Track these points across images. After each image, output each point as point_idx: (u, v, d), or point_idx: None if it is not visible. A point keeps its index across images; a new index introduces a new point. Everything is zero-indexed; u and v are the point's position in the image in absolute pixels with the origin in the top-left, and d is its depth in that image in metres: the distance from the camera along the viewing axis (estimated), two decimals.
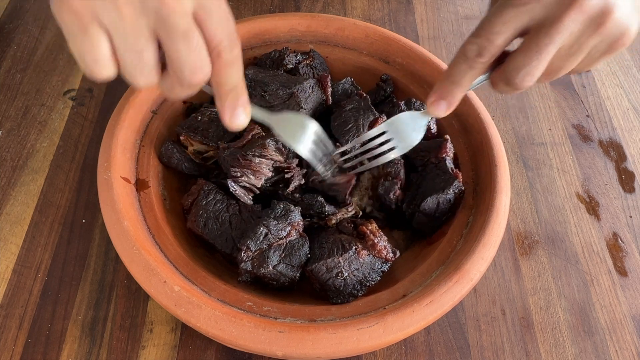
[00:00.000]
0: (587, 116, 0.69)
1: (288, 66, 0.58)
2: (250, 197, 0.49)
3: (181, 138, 0.54)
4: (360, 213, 0.52)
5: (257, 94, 0.54)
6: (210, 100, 0.59)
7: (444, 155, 0.52)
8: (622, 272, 0.56)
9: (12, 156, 0.60)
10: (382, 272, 0.47)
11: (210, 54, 0.33)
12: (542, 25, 0.35)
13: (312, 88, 0.54)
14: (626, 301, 0.54)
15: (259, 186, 0.49)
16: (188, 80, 0.33)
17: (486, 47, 0.37)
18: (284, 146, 0.51)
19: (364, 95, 0.56)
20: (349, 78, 0.60)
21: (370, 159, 0.49)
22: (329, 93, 0.56)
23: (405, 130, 0.46)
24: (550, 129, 0.67)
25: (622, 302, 0.54)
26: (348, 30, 0.62)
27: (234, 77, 0.35)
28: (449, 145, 0.53)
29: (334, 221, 0.50)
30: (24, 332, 0.49)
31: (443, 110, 0.41)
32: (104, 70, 0.32)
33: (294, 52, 0.60)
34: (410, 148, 0.47)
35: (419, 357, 0.49)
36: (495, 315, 0.52)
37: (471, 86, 0.40)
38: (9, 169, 0.59)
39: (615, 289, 0.55)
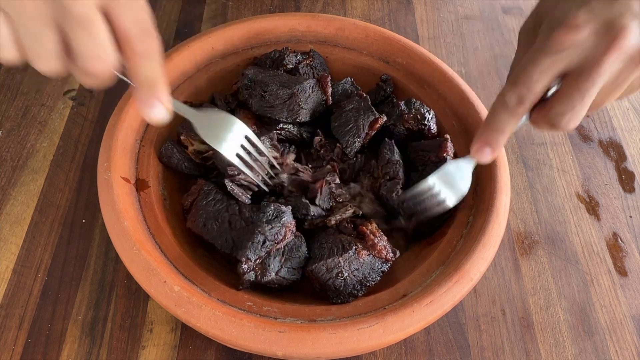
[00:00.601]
0: (587, 116, 0.69)
1: (288, 66, 0.58)
2: (248, 195, 0.49)
3: (182, 138, 0.54)
4: (360, 213, 0.52)
5: (257, 94, 0.54)
6: (211, 100, 0.59)
7: (444, 154, 0.52)
8: (622, 272, 0.56)
9: (12, 156, 0.60)
10: (382, 272, 0.47)
11: (121, 45, 0.33)
12: (582, 69, 0.35)
13: (312, 88, 0.54)
14: (626, 301, 0.54)
15: (257, 183, 0.49)
16: (89, 69, 0.33)
17: (526, 95, 0.37)
18: (280, 142, 0.51)
19: (364, 95, 0.56)
20: (349, 78, 0.60)
21: (423, 211, 0.49)
22: (329, 93, 0.56)
23: (455, 180, 0.47)
24: None
25: (622, 302, 0.54)
26: (348, 30, 0.62)
27: (148, 69, 0.35)
28: (450, 144, 0.53)
29: (333, 222, 0.50)
30: (24, 332, 0.49)
31: (489, 156, 0.41)
32: (7, 54, 0.32)
33: (294, 52, 0.60)
34: (463, 196, 0.47)
35: (419, 357, 0.49)
36: (495, 315, 0.52)
37: (515, 128, 0.41)
38: (9, 169, 0.59)
39: (615, 289, 0.55)
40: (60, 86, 0.67)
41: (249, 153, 0.47)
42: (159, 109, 0.37)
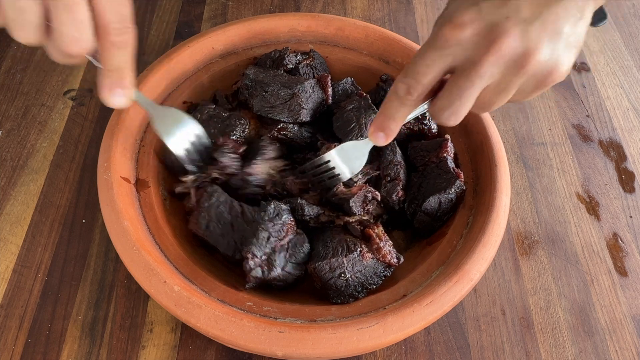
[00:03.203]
0: (587, 116, 0.69)
1: (288, 66, 0.58)
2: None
3: None
4: (372, 220, 0.51)
5: (258, 94, 0.54)
6: (212, 98, 0.59)
7: (444, 154, 0.52)
8: (622, 272, 0.56)
9: (12, 156, 0.60)
10: (384, 276, 0.47)
11: (98, 32, 0.35)
12: (464, 67, 0.36)
13: (313, 88, 0.54)
14: (626, 301, 0.54)
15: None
16: (65, 49, 0.35)
17: (413, 86, 0.38)
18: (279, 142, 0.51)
19: (364, 94, 0.56)
20: (349, 78, 0.60)
21: (320, 182, 0.51)
22: (329, 93, 0.56)
23: (350, 158, 0.49)
24: (550, 129, 0.67)
25: (622, 302, 0.54)
26: (348, 30, 0.62)
27: (119, 59, 0.37)
28: (450, 144, 0.53)
29: (342, 222, 0.50)
30: (24, 332, 0.49)
31: (382, 140, 0.43)
32: None
33: (294, 52, 0.60)
34: (355, 173, 0.50)
35: (419, 357, 0.49)
36: (495, 315, 0.52)
37: (411, 116, 0.42)
38: (9, 169, 0.59)
39: (615, 289, 0.55)
40: (60, 86, 0.67)
41: (196, 151, 0.50)
42: (120, 96, 0.39)
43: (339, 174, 0.49)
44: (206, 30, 0.60)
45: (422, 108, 0.42)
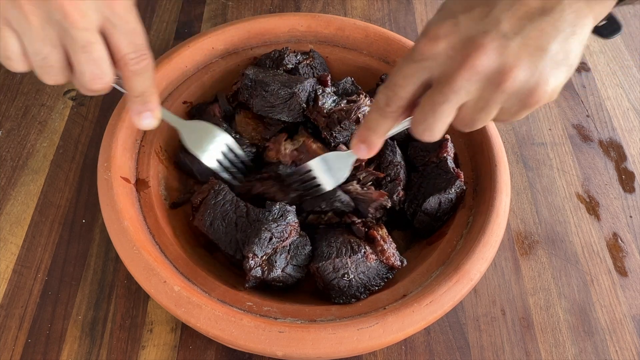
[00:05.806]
0: (587, 116, 0.69)
1: (288, 66, 0.58)
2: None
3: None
4: (374, 221, 0.51)
5: (258, 94, 0.54)
6: (214, 99, 0.59)
7: (444, 154, 0.52)
8: (622, 272, 0.56)
9: (12, 156, 0.60)
10: (386, 278, 0.47)
11: (118, 64, 0.37)
12: (439, 82, 0.35)
13: (313, 87, 0.54)
14: (626, 301, 0.54)
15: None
16: (88, 86, 0.37)
17: (391, 98, 0.37)
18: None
19: (364, 93, 0.55)
20: (349, 77, 0.60)
21: (304, 190, 0.51)
22: None
23: (333, 169, 0.49)
24: (550, 129, 0.67)
25: (622, 302, 0.54)
26: (348, 30, 0.62)
27: (141, 85, 0.39)
28: (450, 144, 0.53)
29: (349, 221, 0.50)
30: (24, 332, 0.49)
31: (364, 153, 0.41)
32: (16, 66, 0.36)
33: (294, 52, 0.60)
34: (338, 184, 0.49)
35: (419, 357, 0.49)
36: (495, 315, 0.52)
37: (394, 130, 0.42)
38: (9, 169, 0.59)
39: (615, 289, 0.55)
40: (60, 86, 0.67)
41: (228, 159, 0.52)
42: (149, 119, 0.41)
43: (319, 185, 0.49)
44: (206, 30, 0.60)
45: (406, 123, 0.41)
